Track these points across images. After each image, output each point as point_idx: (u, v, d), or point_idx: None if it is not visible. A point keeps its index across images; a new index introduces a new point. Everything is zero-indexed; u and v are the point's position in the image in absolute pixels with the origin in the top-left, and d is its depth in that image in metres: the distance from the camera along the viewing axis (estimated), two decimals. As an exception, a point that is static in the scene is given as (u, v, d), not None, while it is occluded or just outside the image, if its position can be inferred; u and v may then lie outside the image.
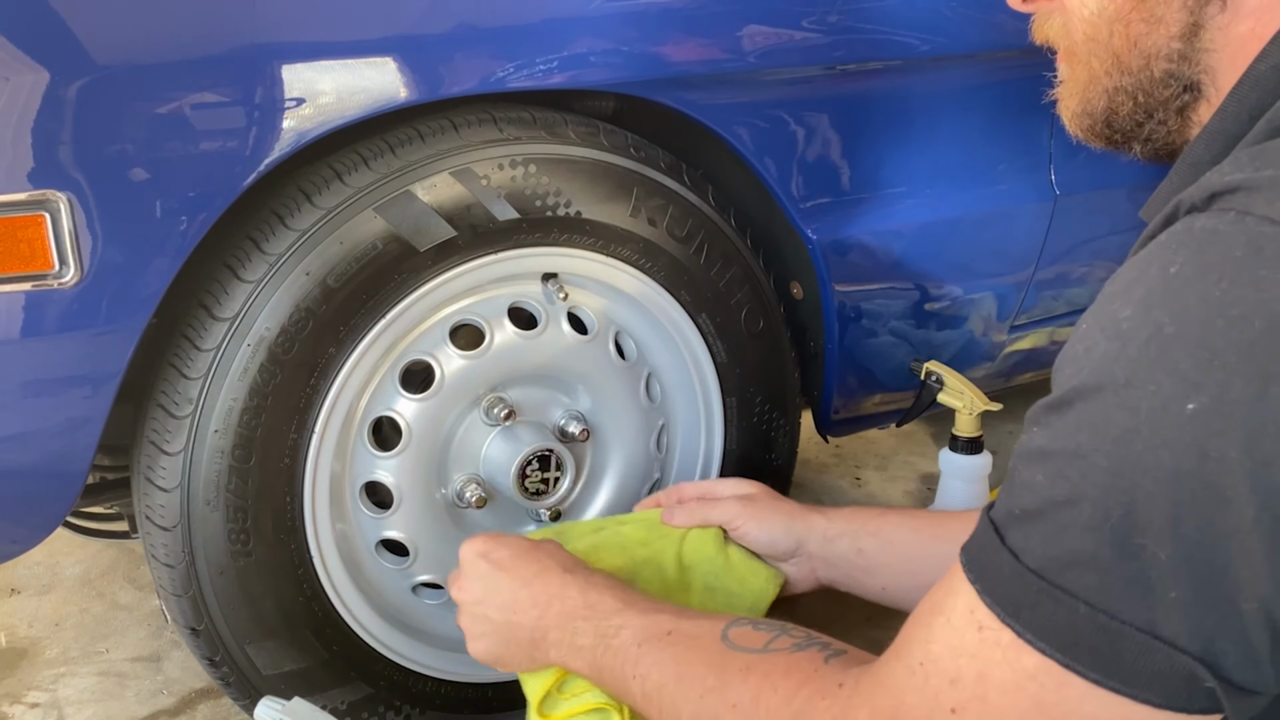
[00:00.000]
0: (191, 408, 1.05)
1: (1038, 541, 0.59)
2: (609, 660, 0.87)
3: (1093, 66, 0.75)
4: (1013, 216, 1.47)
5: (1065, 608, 0.57)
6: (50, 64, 0.89)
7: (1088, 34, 0.74)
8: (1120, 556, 0.55)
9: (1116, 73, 0.74)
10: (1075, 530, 0.57)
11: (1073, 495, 0.57)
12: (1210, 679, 0.55)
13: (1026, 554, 0.59)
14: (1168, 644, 0.55)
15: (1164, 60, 0.71)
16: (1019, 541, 0.60)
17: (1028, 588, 0.58)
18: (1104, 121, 0.76)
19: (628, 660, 0.85)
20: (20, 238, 0.92)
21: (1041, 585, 0.58)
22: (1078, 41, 0.75)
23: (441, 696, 1.25)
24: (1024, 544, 0.59)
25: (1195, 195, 0.58)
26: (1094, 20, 0.73)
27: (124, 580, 1.76)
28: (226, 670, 1.14)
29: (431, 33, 1.04)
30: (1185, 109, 0.73)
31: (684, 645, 0.83)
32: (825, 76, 1.27)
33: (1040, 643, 0.58)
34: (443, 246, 1.10)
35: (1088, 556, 0.56)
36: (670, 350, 1.30)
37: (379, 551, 1.21)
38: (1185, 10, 0.69)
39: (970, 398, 1.42)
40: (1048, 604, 0.58)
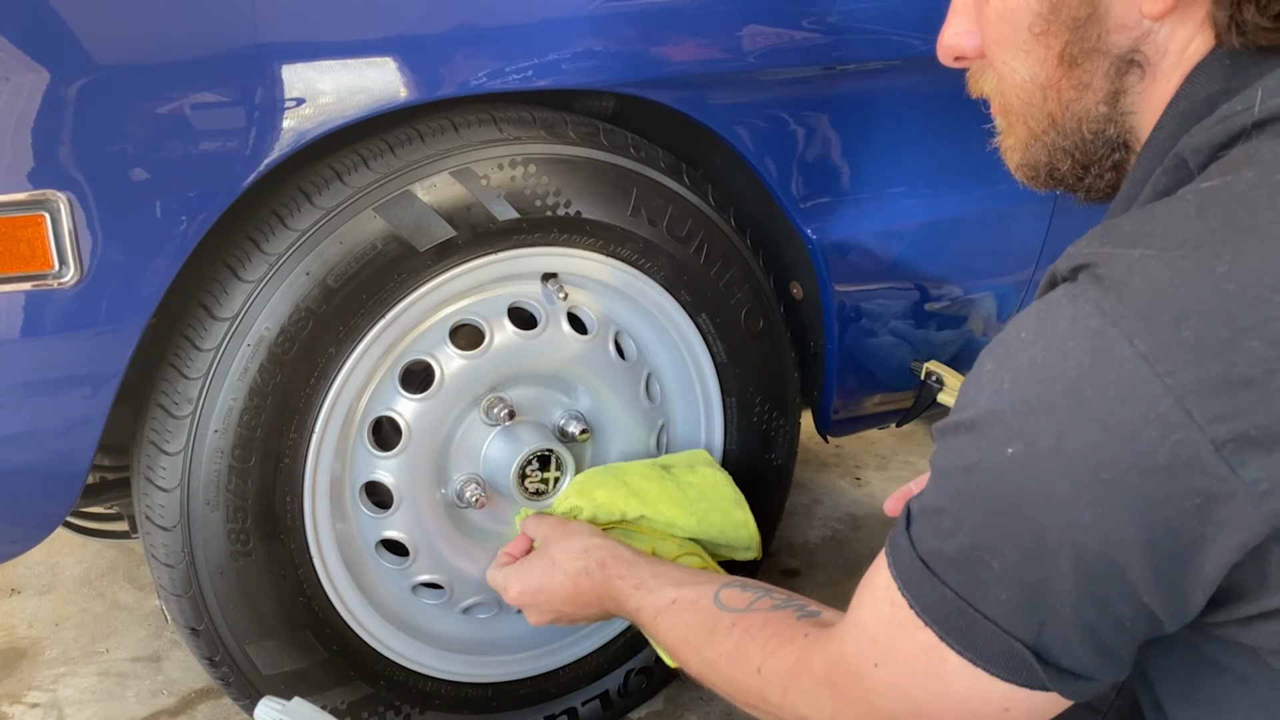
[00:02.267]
0: (191, 408, 1.05)
1: (923, 535, 0.70)
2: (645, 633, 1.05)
3: (1030, 126, 0.80)
4: (1012, 216, 1.47)
5: (938, 592, 0.69)
6: (50, 64, 0.89)
7: (1022, 98, 0.79)
8: (967, 560, 0.67)
9: (1053, 132, 0.79)
10: (941, 534, 0.69)
11: (939, 505, 0.69)
12: (1038, 664, 0.66)
13: (918, 543, 0.71)
14: (1006, 632, 0.66)
15: (1093, 122, 0.78)
16: (915, 532, 0.71)
17: (917, 571, 0.70)
18: (1046, 174, 0.82)
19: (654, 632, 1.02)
20: (20, 238, 0.92)
21: (925, 571, 0.69)
22: (1012, 103, 0.81)
23: (441, 696, 1.25)
24: (916, 534, 0.71)
25: (1063, 267, 0.66)
26: (1027, 86, 0.79)
27: (124, 580, 1.76)
28: (226, 670, 1.14)
29: (431, 33, 1.04)
30: (1119, 164, 0.79)
31: (685, 611, 0.98)
32: (825, 76, 1.27)
33: (925, 616, 0.69)
34: (443, 246, 1.10)
35: (949, 556, 0.68)
36: (670, 350, 1.30)
37: (379, 551, 1.21)
38: (1107, 79, 0.76)
39: (970, 398, 1.42)
40: (929, 586, 0.69)
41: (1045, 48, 0.76)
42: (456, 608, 1.26)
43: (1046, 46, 0.76)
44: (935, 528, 0.69)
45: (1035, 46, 0.77)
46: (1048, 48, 0.76)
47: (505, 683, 1.30)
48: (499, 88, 1.07)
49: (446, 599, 1.25)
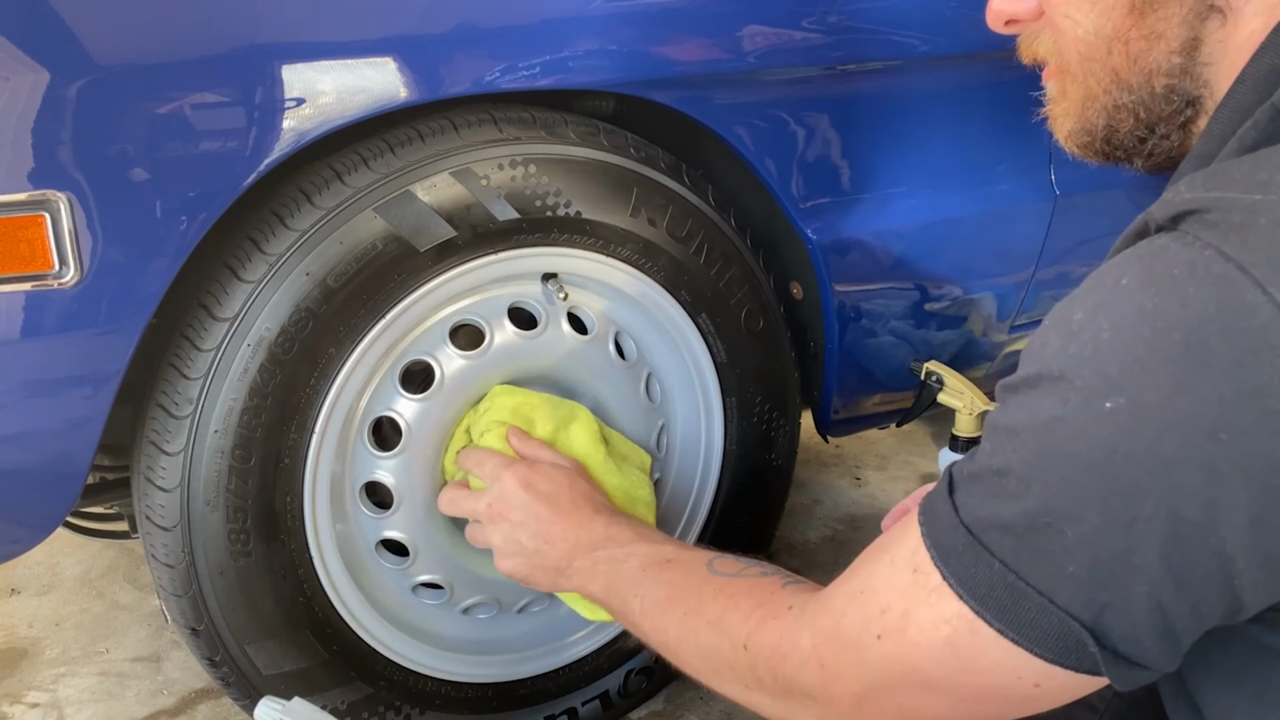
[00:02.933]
0: (191, 408, 1.05)
1: (973, 500, 0.65)
2: (617, 582, 0.98)
3: (1089, 85, 0.75)
4: (1013, 216, 1.47)
5: (984, 563, 0.63)
6: (50, 64, 0.89)
7: (1084, 53, 0.74)
8: (1032, 528, 0.61)
9: (1116, 90, 0.74)
10: (1001, 497, 0.63)
11: (1003, 466, 0.63)
12: (1094, 646, 0.61)
13: (963, 509, 0.65)
14: (1062, 610, 0.61)
15: (1164, 76, 0.71)
16: (961, 497, 0.66)
17: (959, 539, 0.65)
18: (1103, 139, 0.77)
19: (633, 581, 0.96)
20: (20, 238, 0.92)
21: (969, 539, 0.64)
22: (1072, 61, 0.75)
23: (441, 696, 1.25)
24: (963, 500, 0.66)
25: (1160, 215, 0.61)
26: (1090, 39, 0.73)
27: (124, 580, 1.76)
28: (226, 670, 1.14)
29: (431, 33, 1.04)
30: (1187, 123, 0.74)
31: (678, 570, 0.94)
32: (825, 76, 1.27)
33: (960, 589, 0.64)
34: (443, 246, 1.10)
35: (1006, 521, 0.63)
36: (670, 350, 1.30)
37: (379, 551, 1.21)
38: (1185, 26, 0.70)
39: (970, 398, 1.42)
40: (970, 556, 0.64)
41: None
42: (456, 608, 1.26)
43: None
44: (992, 490, 0.64)
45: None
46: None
47: (505, 683, 1.30)
48: (499, 88, 1.07)
49: (446, 599, 1.25)
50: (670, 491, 1.37)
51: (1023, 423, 0.63)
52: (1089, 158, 0.79)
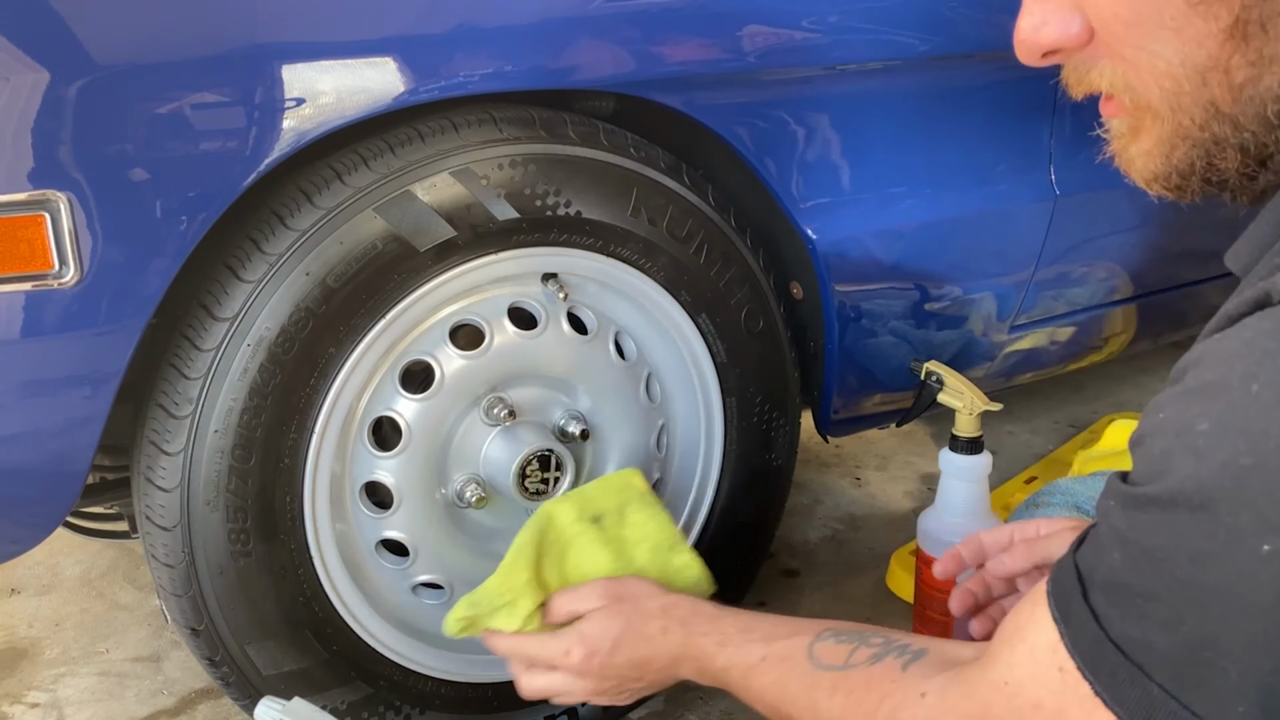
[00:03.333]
0: (191, 408, 1.05)
1: (1118, 617, 0.59)
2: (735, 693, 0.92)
3: (1180, 122, 0.64)
4: (1013, 216, 1.47)
5: (1141, 686, 0.58)
6: (50, 64, 0.89)
7: (1169, 88, 0.64)
8: (1193, 661, 0.56)
9: (1216, 124, 0.63)
10: (1152, 623, 0.57)
11: (1149, 591, 0.57)
12: None
13: (1108, 621, 0.60)
14: None
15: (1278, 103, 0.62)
16: (1101, 605, 0.60)
17: (1108, 654, 0.59)
18: (1202, 179, 0.66)
19: (745, 693, 0.90)
20: (20, 238, 0.92)
21: (1121, 659, 0.58)
22: (1152, 96, 0.65)
23: (441, 696, 1.25)
24: (1105, 611, 0.60)
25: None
26: (1178, 73, 0.63)
27: (124, 580, 1.76)
28: (226, 670, 1.14)
29: (431, 33, 1.04)
30: None
31: (777, 671, 0.86)
32: (825, 76, 1.27)
33: (1117, 707, 0.59)
34: (443, 246, 1.10)
35: (1163, 650, 0.57)
36: (670, 350, 1.30)
37: (379, 551, 1.21)
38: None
39: (970, 398, 1.42)
40: (1125, 676, 0.58)
41: (1207, 19, 0.60)
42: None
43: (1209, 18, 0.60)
44: (1140, 612, 0.58)
45: (1191, 20, 0.61)
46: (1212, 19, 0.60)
47: (505, 683, 1.29)
48: (499, 88, 1.07)
49: (447, 599, 1.25)
50: (670, 491, 1.37)
51: (1164, 549, 0.57)
52: (1180, 199, 0.69)
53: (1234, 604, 0.54)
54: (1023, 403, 2.26)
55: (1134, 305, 1.71)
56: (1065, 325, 1.63)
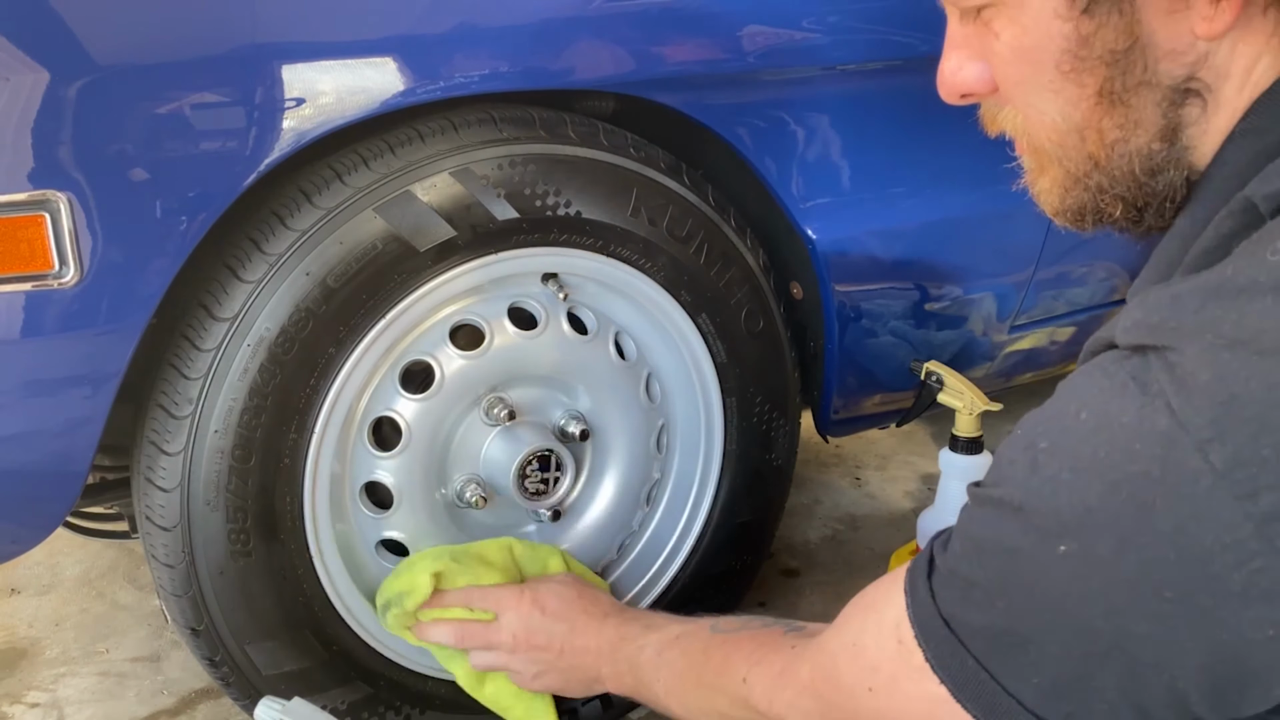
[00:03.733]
0: (191, 408, 1.05)
1: (948, 597, 0.68)
2: (641, 675, 1.02)
3: (1068, 168, 0.71)
4: (1013, 216, 1.47)
5: (960, 655, 0.66)
6: (50, 64, 0.89)
7: (1055, 140, 0.71)
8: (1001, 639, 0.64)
9: (1098, 175, 0.70)
10: (971, 605, 0.66)
11: (971, 577, 0.66)
12: None
13: (940, 601, 0.68)
14: (1030, 711, 0.64)
15: (1148, 161, 0.69)
16: (939, 587, 0.69)
17: (938, 628, 0.67)
18: (1094, 218, 0.74)
19: (650, 669, 1.00)
20: (20, 238, 0.92)
21: (947, 632, 0.67)
22: (1044, 144, 0.72)
23: (441, 697, 1.25)
24: (940, 591, 0.68)
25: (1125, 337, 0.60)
26: (1061, 127, 0.70)
27: (124, 580, 1.76)
28: (226, 670, 1.13)
29: (431, 33, 1.04)
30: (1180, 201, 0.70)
31: (686, 641, 0.97)
32: (825, 77, 1.27)
33: (941, 673, 0.67)
34: (443, 246, 1.10)
35: (978, 627, 0.66)
36: (670, 350, 1.30)
37: (379, 551, 1.21)
38: (1160, 114, 0.67)
39: (970, 398, 1.42)
40: (949, 647, 0.67)
41: (1079, 86, 0.67)
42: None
43: (1080, 85, 0.67)
44: (964, 596, 0.67)
45: (1066, 85, 0.68)
46: (1081, 85, 0.67)
47: (505, 683, 1.30)
48: (499, 88, 1.07)
49: (446, 599, 1.25)
50: (670, 492, 1.37)
51: (988, 541, 0.65)
52: (1081, 230, 0.76)
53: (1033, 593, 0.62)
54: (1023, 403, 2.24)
55: (1134, 305, 1.70)
56: (1065, 325, 1.63)
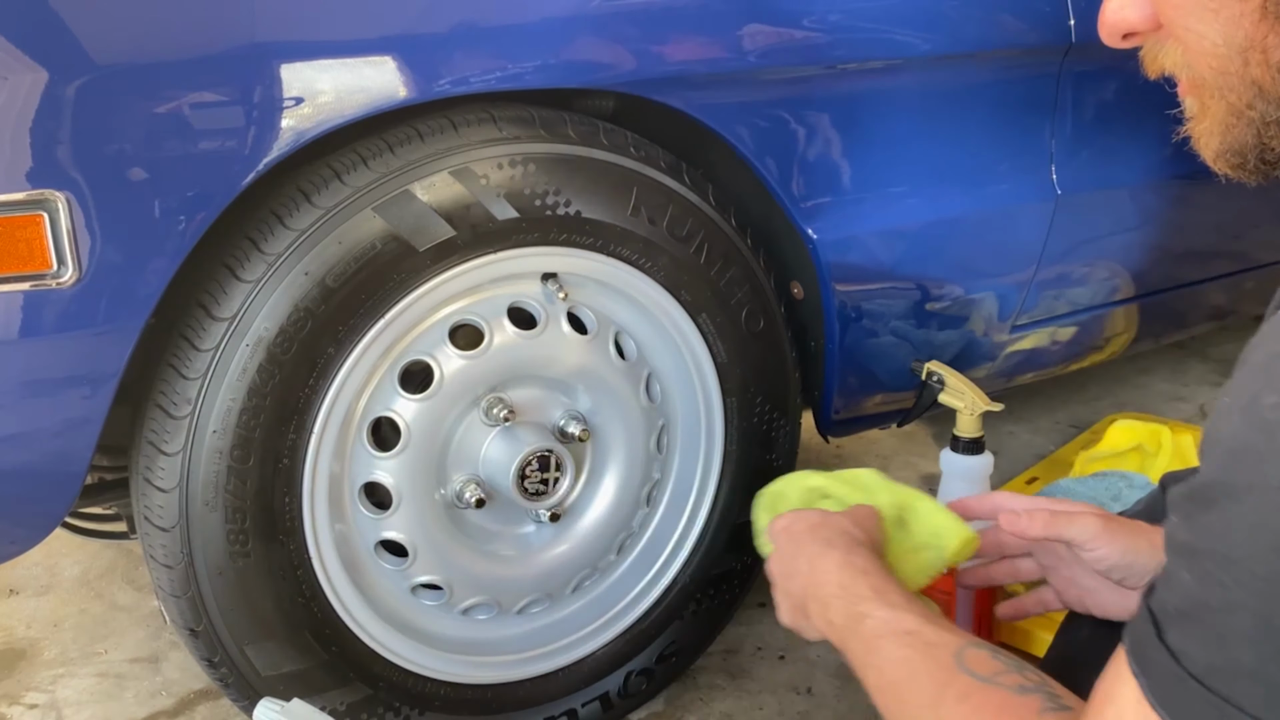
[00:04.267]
0: (190, 408, 1.04)
1: (1197, 646, 0.55)
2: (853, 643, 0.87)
3: (1231, 101, 0.66)
4: (1014, 216, 1.47)
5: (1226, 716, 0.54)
6: (50, 64, 0.89)
7: (1216, 67, 0.66)
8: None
9: (1262, 104, 0.65)
10: (1236, 640, 0.53)
11: (1229, 603, 0.54)
12: None
13: (1186, 657, 0.56)
14: None
15: None
16: (1177, 642, 0.56)
17: (1191, 694, 0.55)
18: (1257, 157, 0.68)
19: (868, 649, 0.85)
20: (19, 237, 0.91)
21: (1205, 694, 0.54)
22: (1205, 75, 0.67)
23: (441, 697, 1.25)
24: (1182, 645, 0.56)
25: None
26: (1221, 52, 0.65)
27: (123, 581, 1.76)
28: (225, 671, 1.13)
29: (431, 32, 1.04)
30: None
31: (919, 651, 0.81)
32: (825, 76, 1.27)
33: None
34: (442, 246, 1.10)
35: (1251, 669, 0.53)
36: (670, 350, 1.30)
37: (378, 552, 1.20)
38: None
39: (971, 398, 1.42)
40: (1211, 714, 0.54)
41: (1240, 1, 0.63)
42: (456, 609, 1.26)
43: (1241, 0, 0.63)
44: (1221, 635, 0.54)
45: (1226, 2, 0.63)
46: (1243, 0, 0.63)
47: (505, 684, 1.29)
48: (498, 87, 1.07)
49: (446, 600, 1.24)
50: (670, 492, 1.37)
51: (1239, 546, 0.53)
52: (1244, 178, 0.70)
53: None
54: (1024, 403, 2.25)
55: (1135, 305, 1.70)
56: (1067, 325, 1.63)
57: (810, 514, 1.03)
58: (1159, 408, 2.28)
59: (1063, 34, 1.38)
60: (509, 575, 1.28)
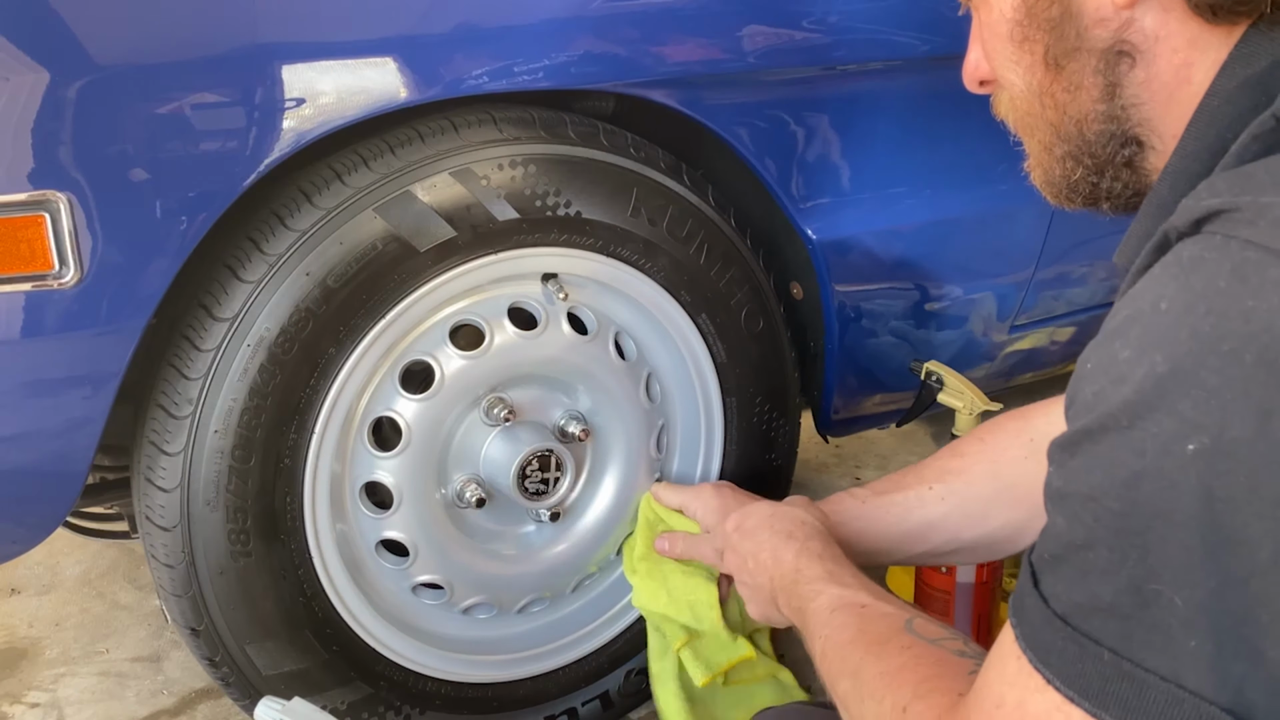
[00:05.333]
0: (191, 408, 1.05)
1: (1063, 587, 0.59)
2: (808, 620, 0.95)
3: (1039, 138, 0.78)
4: (1013, 216, 1.47)
5: (1090, 655, 0.56)
6: (50, 64, 0.89)
7: (1025, 109, 0.78)
8: (1138, 603, 0.55)
9: (1058, 141, 0.76)
10: (1094, 575, 0.56)
11: (1089, 539, 0.57)
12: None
13: (1054, 599, 0.59)
14: (1194, 694, 0.53)
15: (1094, 123, 0.74)
16: (1048, 586, 0.60)
17: (1056, 633, 0.58)
18: (1066, 187, 0.79)
19: (820, 621, 0.92)
20: (20, 238, 0.92)
21: (1068, 631, 0.58)
22: (1021, 118, 0.79)
23: (441, 696, 1.25)
24: (1052, 588, 0.59)
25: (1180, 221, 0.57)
26: (1026, 96, 0.77)
27: (124, 580, 1.76)
28: (226, 670, 1.14)
29: (431, 33, 1.04)
30: (1132, 161, 0.75)
31: (869, 619, 0.88)
32: (825, 76, 1.27)
33: (1068, 690, 0.57)
34: (443, 247, 1.10)
35: (1107, 602, 0.56)
36: (670, 350, 1.30)
37: (379, 552, 1.21)
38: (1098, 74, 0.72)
39: (970, 398, 1.42)
40: (1074, 650, 0.57)
41: (1030, 54, 0.75)
42: (456, 608, 1.26)
43: (1030, 53, 0.75)
44: (1081, 569, 0.57)
45: (1021, 55, 0.75)
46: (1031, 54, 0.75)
47: (505, 683, 1.30)
48: (499, 88, 1.07)
49: (446, 599, 1.25)
50: (670, 491, 1.37)
51: (1098, 484, 0.56)
52: (1065, 205, 0.81)
53: (1170, 518, 0.53)
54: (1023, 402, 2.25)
55: (1134, 305, 1.70)
56: (1065, 325, 1.63)
57: (761, 507, 1.12)
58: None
59: (1062, 35, 1.38)
60: (509, 575, 1.28)
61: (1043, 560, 0.61)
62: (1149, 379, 0.54)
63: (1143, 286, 0.57)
